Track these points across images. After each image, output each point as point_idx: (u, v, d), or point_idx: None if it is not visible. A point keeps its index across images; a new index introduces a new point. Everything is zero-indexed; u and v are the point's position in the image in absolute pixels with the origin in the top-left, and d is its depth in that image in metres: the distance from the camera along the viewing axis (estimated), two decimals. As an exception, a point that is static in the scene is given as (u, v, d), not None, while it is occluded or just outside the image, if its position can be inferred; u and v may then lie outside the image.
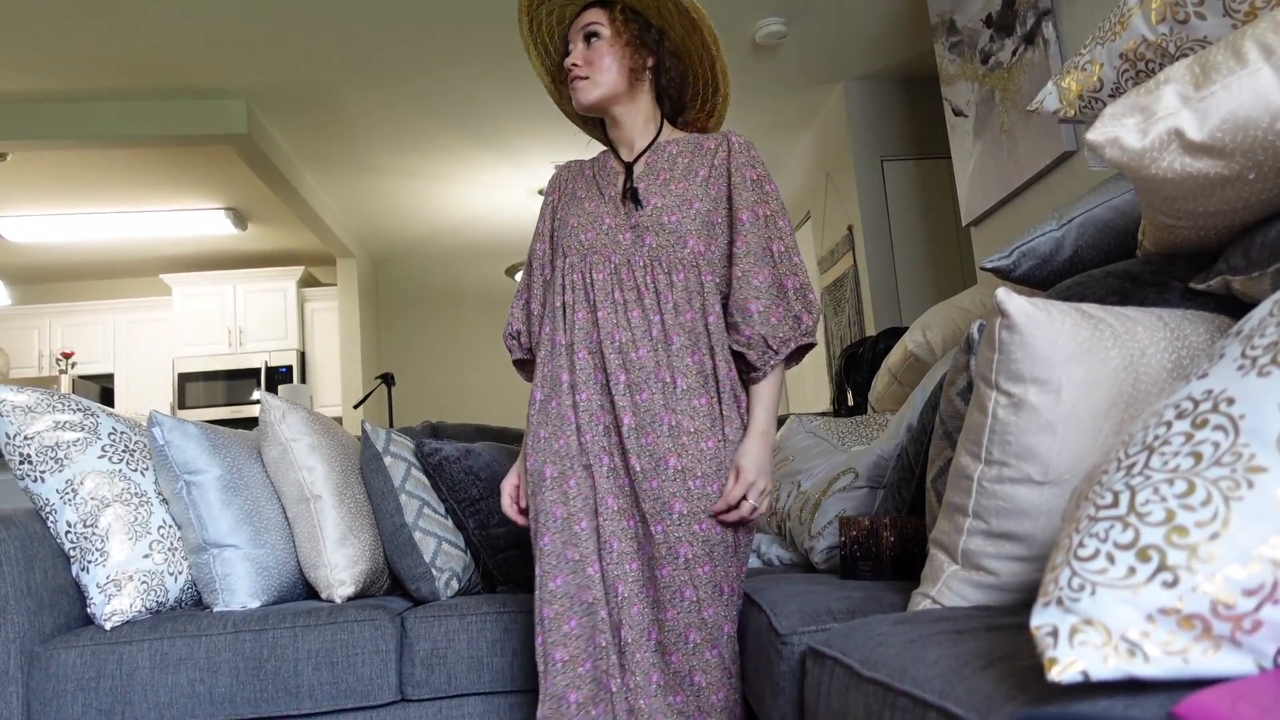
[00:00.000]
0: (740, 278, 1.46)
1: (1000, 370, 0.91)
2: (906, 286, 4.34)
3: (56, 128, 4.14)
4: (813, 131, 5.11)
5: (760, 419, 1.46)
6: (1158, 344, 0.93)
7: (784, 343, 1.46)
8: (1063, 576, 0.62)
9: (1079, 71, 1.33)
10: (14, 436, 1.62)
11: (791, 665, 1.18)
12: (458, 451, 1.99)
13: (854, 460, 1.82)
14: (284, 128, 4.61)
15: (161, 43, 3.68)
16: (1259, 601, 0.56)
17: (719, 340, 1.45)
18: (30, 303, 6.93)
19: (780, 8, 3.77)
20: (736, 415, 1.46)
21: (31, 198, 5.35)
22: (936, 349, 2.17)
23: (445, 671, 1.62)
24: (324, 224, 5.63)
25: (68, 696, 1.50)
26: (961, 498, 1.02)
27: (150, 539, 1.66)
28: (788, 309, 1.45)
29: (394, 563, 1.85)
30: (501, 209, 6.09)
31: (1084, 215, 1.52)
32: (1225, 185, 0.97)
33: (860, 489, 1.77)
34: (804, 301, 1.46)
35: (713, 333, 1.45)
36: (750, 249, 1.46)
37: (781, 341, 1.45)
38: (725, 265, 1.49)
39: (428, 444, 1.99)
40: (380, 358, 7.13)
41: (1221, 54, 0.92)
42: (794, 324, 1.46)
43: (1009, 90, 2.87)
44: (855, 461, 1.81)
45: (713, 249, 1.48)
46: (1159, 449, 0.65)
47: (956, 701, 0.69)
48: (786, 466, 2.07)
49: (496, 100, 4.44)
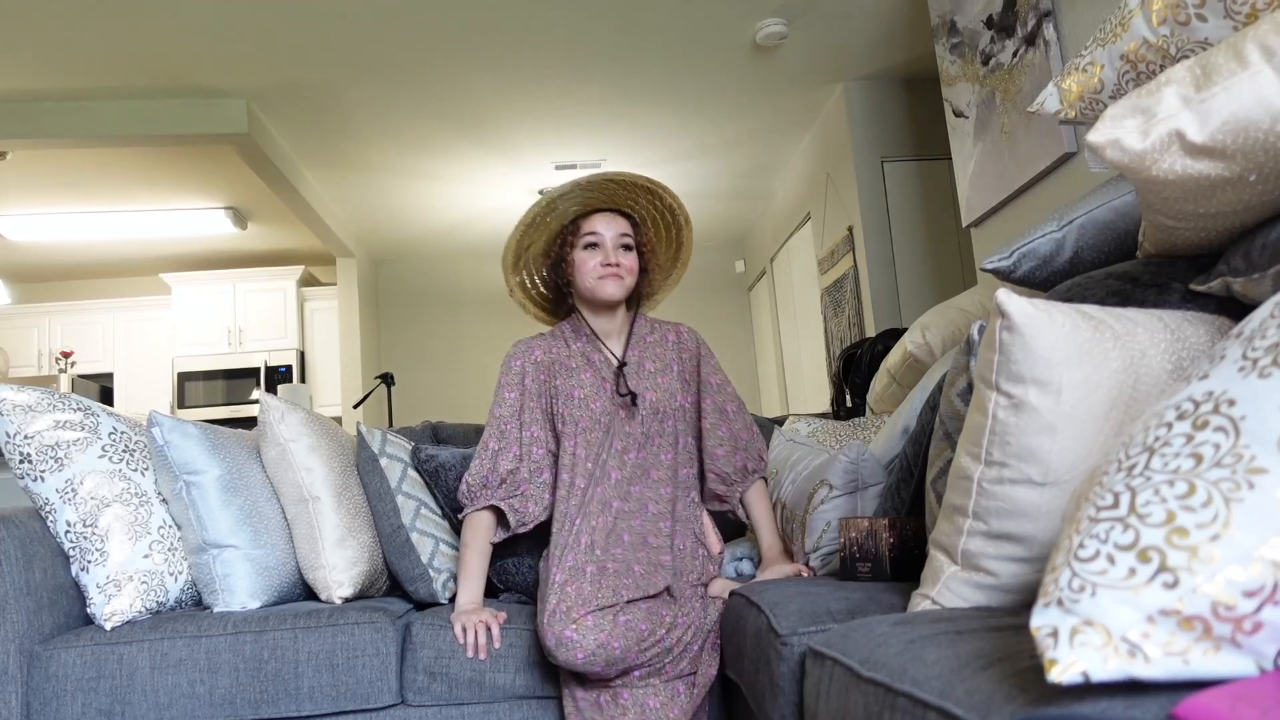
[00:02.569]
0: (709, 430, 1.87)
1: (1000, 371, 0.91)
2: (906, 287, 4.34)
3: (56, 126, 4.14)
4: (813, 132, 5.11)
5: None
6: (1158, 345, 0.93)
7: (748, 474, 1.87)
8: (1063, 577, 0.62)
9: (1080, 73, 1.33)
10: (14, 435, 1.62)
11: (791, 666, 1.18)
12: (454, 459, 1.99)
13: (825, 470, 1.82)
14: (284, 127, 4.61)
15: (162, 42, 3.68)
16: (1259, 603, 0.56)
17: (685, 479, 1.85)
18: (30, 302, 6.93)
19: (780, 8, 3.77)
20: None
21: (31, 196, 5.35)
22: (936, 350, 2.17)
23: (447, 681, 1.61)
24: (324, 223, 5.63)
25: (67, 696, 1.49)
26: (961, 499, 1.02)
27: (150, 539, 1.66)
28: (747, 452, 1.87)
29: (392, 563, 1.85)
30: (501, 209, 6.10)
31: (1084, 216, 1.52)
32: (1226, 187, 0.97)
33: (838, 498, 1.77)
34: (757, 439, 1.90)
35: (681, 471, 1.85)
36: (714, 409, 1.89)
37: (745, 473, 1.87)
38: (695, 420, 1.89)
39: (424, 450, 1.99)
40: (380, 358, 7.13)
41: (1222, 56, 0.92)
42: (758, 459, 1.89)
43: (1009, 91, 2.87)
44: (826, 471, 1.81)
45: (687, 417, 1.89)
46: (1160, 450, 0.65)
47: (956, 702, 0.69)
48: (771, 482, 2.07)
49: (496, 100, 4.44)
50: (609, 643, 1.49)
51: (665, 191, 1.84)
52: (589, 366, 1.83)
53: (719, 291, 7.41)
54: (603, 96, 4.50)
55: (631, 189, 1.82)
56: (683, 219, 1.90)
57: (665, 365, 1.87)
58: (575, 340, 1.87)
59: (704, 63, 4.20)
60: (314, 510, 1.77)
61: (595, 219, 1.82)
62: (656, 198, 1.86)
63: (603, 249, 1.80)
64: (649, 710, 1.54)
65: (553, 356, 1.85)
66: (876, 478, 1.75)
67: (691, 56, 4.13)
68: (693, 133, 5.06)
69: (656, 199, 1.86)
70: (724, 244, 7.48)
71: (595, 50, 4.02)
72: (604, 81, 4.33)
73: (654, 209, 1.89)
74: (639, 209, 1.88)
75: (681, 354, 1.91)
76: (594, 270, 1.80)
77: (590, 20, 3.76)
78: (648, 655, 1.54)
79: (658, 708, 1.54)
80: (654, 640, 1.54)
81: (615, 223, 1.82)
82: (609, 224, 1.81)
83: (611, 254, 1.79)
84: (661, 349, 1.89)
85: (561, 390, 1.80)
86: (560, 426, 1.79)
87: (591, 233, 1.80)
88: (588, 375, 1.82)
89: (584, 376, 1.81)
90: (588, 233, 1.81)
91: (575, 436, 1.76)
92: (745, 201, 6.43)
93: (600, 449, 1.76)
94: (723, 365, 2.01)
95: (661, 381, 1.84)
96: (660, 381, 1.84)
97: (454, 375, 7.19)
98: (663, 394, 1.82)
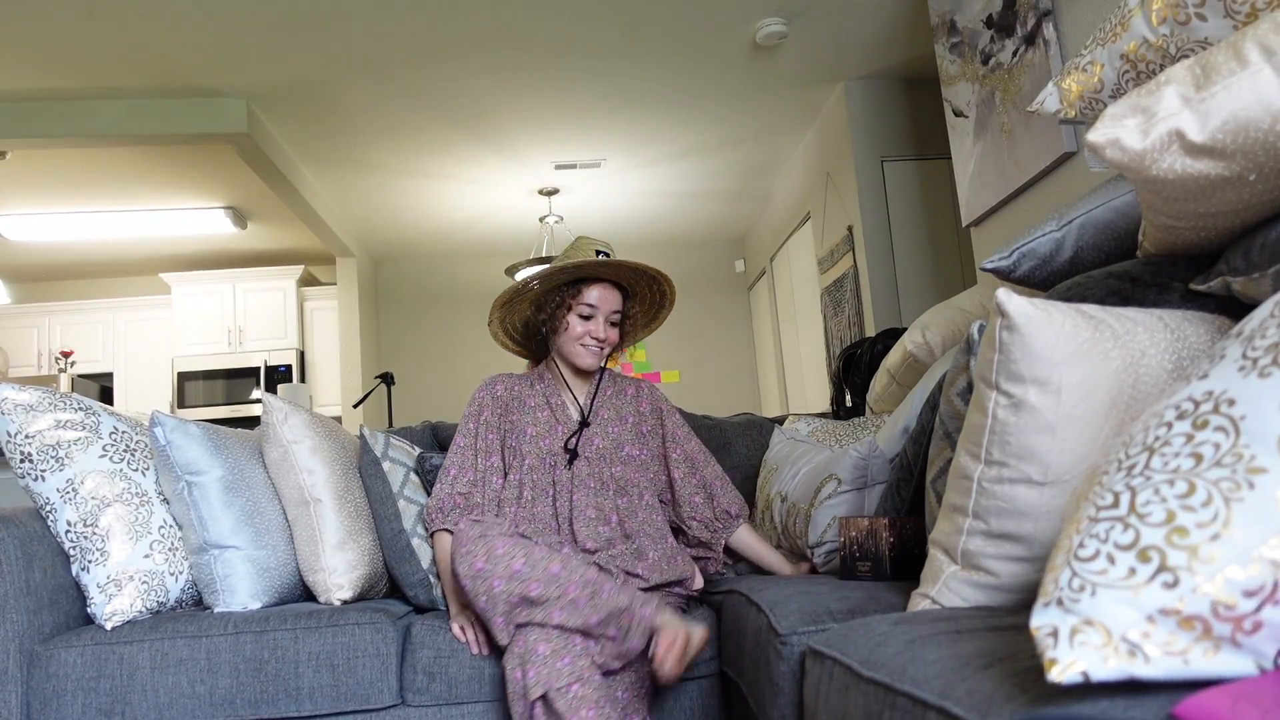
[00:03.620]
0: (680, 480, 1.96)
1: (1000, 371, 0.91)
2: (906, 287, 4.34)
3: (56, 126, 4.14)
4: (813, 131, 5.11)
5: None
6: (1158, 345, 0.94)
7: (732, 519, 1.93)
8: (1063, 577, 0.62)
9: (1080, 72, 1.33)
10: (15, 435, 1.62)
11: (791, 665, 1.18)
12: None
13: (833, 464, 1.82)
14: (284, 126, 4.61)
15: (161, 41, 3.68)
16: (1259, 602, 0.56)
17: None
18: (30, 301, 6.92)
19: (780, 8, 3.77)
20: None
21: (31, 196, 5.35)
22: (936, 350, 2.17)
23: (446, 680, 1.61)
24: (323, 223, 5.63)
25: (67, 696, 1.49)
26: (961, 498, 1.02)
27: (151, 539, 1.66)
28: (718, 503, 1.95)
29: (392, 568, 1.85)
30: (501, 208, 6.10)
31: (1084, 216, 1.52)
32: (1226, 186, 0.97)
33: (846, 493, 1.77)
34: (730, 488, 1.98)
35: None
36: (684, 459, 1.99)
37: (729, 518, 1.93)
38: (658, 469, 1.99)
39: (429, 459, 1.99)
40: (380, 357, 7.13)
41: (1222, 55, 0.92)
42: (740, 504, 1.96)
43: (1009, 91, 2.87)
44: (835, 465, 1.81)
45: (637, 464, 1.95)
46: (1159, 450, 0.65)
47: (956, 702, 0.69)
48: (772, 477, 2.08)
49: (496, 99, 4.44)
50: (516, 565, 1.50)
51: (665, 281, 1.97)
52: (547, 407, 1.96)
53: (719, 291, 7.41)
54: (603, 96, 4.50)
55: (635, 272, 1.93)
56: (669, 302, 2.03)
57: (620, 416, 1.99)
58: (540, 382, 2.00)
59: (704, 62, 4.20)
60: (315, 512, 1.77)
61: (597, 290, 1.92)
62: (655, 283, 1.98)
63: (595, 321, 1.92)
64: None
65: (513, 394, 1.97)
66: (884, 475, 1.75)
67: (691, 56, 4.13)
68: (693, 132, 5.05)
69: (653, 282, 1.98)
70: (724, 244, 7.48)
71: (595, 50, 4.01)
72: (604, 81, 4.33)
73: (646, 290, 2.01)
74: (635, 284, 2.00)
75: (640, 407, 2.03)
76: (581, 337, 1.92)
77: (590, 20, 3.75)
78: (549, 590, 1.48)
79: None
80: (561, 578, 1.49)
81: (612, 298, 1.94)
82: (607, 298, 1.93)
83: (602, 329, 1.92)
84: (619, 401, 2.02)
85: (515, 425, 1.92)
86: (509, 459, 1.90)
87: (591, 304, 1.91)
88: (544, 415, 1.94)
89: (540, 415, 1.94)
90: (586, 303, 1.91)
91: (521, 471, 1.87)
92: (745, 201, 6.43)
93: (545, 488, 1.85)
94: (723, 365, 2.05)
95: (612, 430, 1.95)
96: (611, 430, 1.95)
97: (454, 375, 7.19)
98: (610, 442, 1.93)
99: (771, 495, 2.02)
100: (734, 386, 7.20)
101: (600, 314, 1.92)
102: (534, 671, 1.43)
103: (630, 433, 1.97)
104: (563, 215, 6.14)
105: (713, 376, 7.17)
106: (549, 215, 6.06)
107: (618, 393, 2.03)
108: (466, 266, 7.31)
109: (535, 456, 1.88)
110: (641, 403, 2.03)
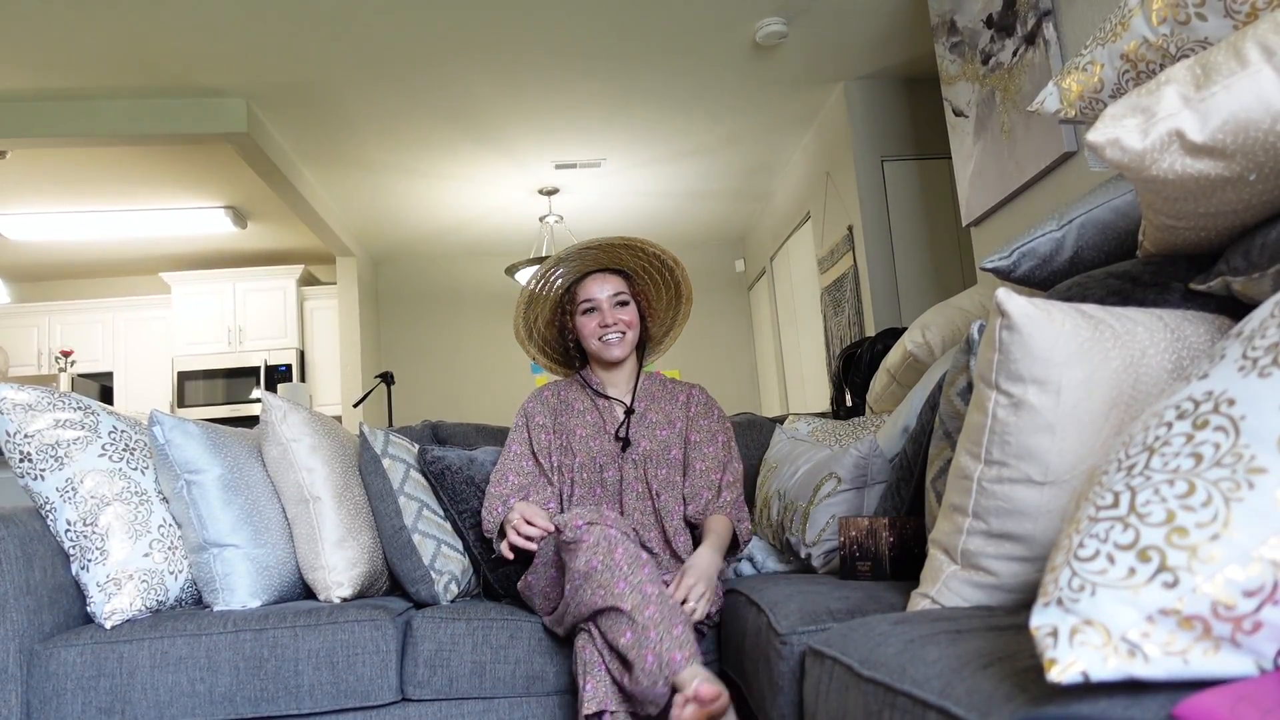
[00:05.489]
0: (702, 473, 1.92)
1: (1000, 371, 0.91)
2: (906, 286, 4.34)
3: (56, 126, 4.14)
4: (813, 131, 5.11)
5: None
6: (1158, 345, 0.94)
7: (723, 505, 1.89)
8: (1063, 577, 0.62)
9: (1080, 72, 1.33)
10: (14, 434, 1.62)
11: (791, 665, 1.18)
12: (460, 460, 1.99)
13: (833, 463, 1.82)
14: (284, 126, 4.61)
15: (161, 41, 3.67)
16: (1259, 602, 0.56)
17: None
18: (30, 301, 6.92)
19: (780, 8, 3.77)
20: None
21: (31, 196, 5.34)
22: (936, 349, 2.17)
23: (447, 674, 1.62)
24: (323, 223, 5.63)
25: (67, 695, 1.50)
26: (961, 498, 1.02)
27: (150, 538, 1.66)
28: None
29: (393, 565, 1.85)
30: (501, 208, 6.09)
31: (1084, 216, 1.52)
32: (1226, 186, 0.97)
33: (845, 491, 1.77)
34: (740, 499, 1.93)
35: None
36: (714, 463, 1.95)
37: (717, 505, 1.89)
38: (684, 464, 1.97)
39: (430, 452, 1.99)
40: (380, 357, 7.13)
41: (1222, 55, 0.92)
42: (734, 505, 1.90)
43: (1009, 91, 2.87)
44: (835, 464, 1.81)
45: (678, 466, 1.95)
46: (1159, 450, 0.65)
47: (956, 701, 0.69)
48: (771, 476, 2.08)
49: (497, 99, 4.44)
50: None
51: (645, 243, 1.94)
52: (594, 409, 1.99)
53: (719, 291, 7.41)
54: (603, 96, 4.50)
55: (611, 250, 1.93)
56: (670, 261, 2.00)
57: (669, 420, 1.98)
58: (584, 387, 2.03)
59: (704, 62, 4.20)
60: (314, 510, 1.77)
61: (588, 284, 1.94)
62: (638, 251, 1.96)
63: (599, 311, 1.93)
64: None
65: (561, 399, 2.01)
66: (884, 475, 1.76)
67: (691, 56, 4.13)
68: (693, 132, 5.05)
69: (638, 252, 1.96)
70: (724, 243, 7.48)
71: (595, 50, 4.01)
72: (604, 81, 4.33)
73: (641, 261, 2.00)
74: (626, 263, 2.00)
75: (689, 411, 2.01)
76: (595, 333, 1.94)
77: (590, 20, 3.75)
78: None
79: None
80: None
81: (608, 282, 1.95)
82: (602, 285, 1.94)
83: (609, 314, 1.93)
84: (669, 405, 2.01)
85: (566, 427, 1.96)
86: (561, 459, 1.93)
87: (587, 299, 1.94)
88: (591, 417, 1.97)
89: (588, 418, 1.97)
90: (584, 300, 1.94)
91: (573, 471, 1.90)
92: (745, 201, 6.43)
93: (594, 485, 1.89)
94: (723, 365, 2.06)
95: (660, 434, 1.95)
96: (659, 434, 1.95)
97: (454, 374, 7.19)
98: (658, 444, 1.93)
99: (770, 493, 2.02)
100: (734, 386, 7.20)
101: (601, 302, 1.93)
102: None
103: (678, 437, 1.96)
104: (563, 215, 6.14)
105: (713, 376, 7.16)
106: (549, 215, 6.06)
107: (668, 397, 2.03)
108: (466, 266, 7.30)
109: (586, 455, 1.91)
110: (692, 407, 2.02)
